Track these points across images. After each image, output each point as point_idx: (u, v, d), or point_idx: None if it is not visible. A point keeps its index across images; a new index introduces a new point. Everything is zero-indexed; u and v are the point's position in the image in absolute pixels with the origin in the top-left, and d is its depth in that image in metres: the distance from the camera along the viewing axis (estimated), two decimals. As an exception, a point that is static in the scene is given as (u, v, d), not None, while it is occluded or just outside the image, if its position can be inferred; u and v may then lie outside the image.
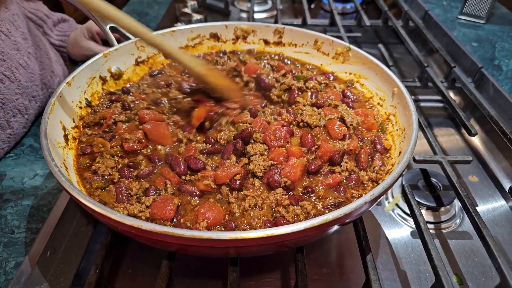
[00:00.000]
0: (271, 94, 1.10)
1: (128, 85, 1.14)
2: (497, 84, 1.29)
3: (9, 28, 1.09)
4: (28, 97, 1.15)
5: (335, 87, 1.13)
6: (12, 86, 1.09)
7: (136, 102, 1.03)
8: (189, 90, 1.04)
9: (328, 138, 0.93)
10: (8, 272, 0.82)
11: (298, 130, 0.96)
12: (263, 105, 1.06)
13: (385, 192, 0.68)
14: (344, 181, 0.83)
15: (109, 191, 0.78)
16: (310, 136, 0.90)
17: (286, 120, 0.97)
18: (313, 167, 0.83)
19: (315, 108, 1.03)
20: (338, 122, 0.95)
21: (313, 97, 1.08)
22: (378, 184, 0.81)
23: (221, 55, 1.28)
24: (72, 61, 1.52)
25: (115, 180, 0.81)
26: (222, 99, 0.99)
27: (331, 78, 1.19)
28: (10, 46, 1.09)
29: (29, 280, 0.76)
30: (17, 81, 1.11)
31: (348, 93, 1.10)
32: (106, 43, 1.45)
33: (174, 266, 0.76)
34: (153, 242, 0.67)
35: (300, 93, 1.10)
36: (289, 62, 1.26)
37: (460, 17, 1.94)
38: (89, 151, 0.88)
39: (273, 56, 1.29)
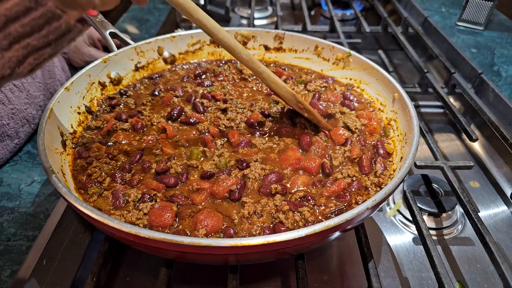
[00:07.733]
0: None
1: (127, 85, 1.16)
2: (497, 90, 1.29)
3: None
4: (36, 106, 1.15)
5: (335, 89, 1.13)
6: (21, 96, 1.09)
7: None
8: None
9: (331, 143, 0.94)
10: (3, 280, 0.81)
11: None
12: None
13: (387, 197, 0.67)
14: (346, 187, 0.82)
15: (105, 198, 0.77)
16: (308, 139, 0.91)
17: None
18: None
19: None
20: (341, 127, 0.95)
21: (316, 97, 1.08)
22: (381, 188, 0.81)
23: (221, 64, 1.29)
24: (73, 67, 1.52)
25: (104, 185, 0.80)
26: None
27: (330, 81, 1.19)
28: None
29: (25, 288, 0.74)
30: (25, 90, 1.10)
31: (349, 95, 1.10)
32: (107, 49, 1.44)
33: (172, 273, 0.75)
34: (151, 249, 0.65)
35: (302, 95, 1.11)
36: (286, 69, 1.26)
37: (459, 23, 1.95)
38: (84, 154, 0.88)
39: (269, 64, 1.29)
